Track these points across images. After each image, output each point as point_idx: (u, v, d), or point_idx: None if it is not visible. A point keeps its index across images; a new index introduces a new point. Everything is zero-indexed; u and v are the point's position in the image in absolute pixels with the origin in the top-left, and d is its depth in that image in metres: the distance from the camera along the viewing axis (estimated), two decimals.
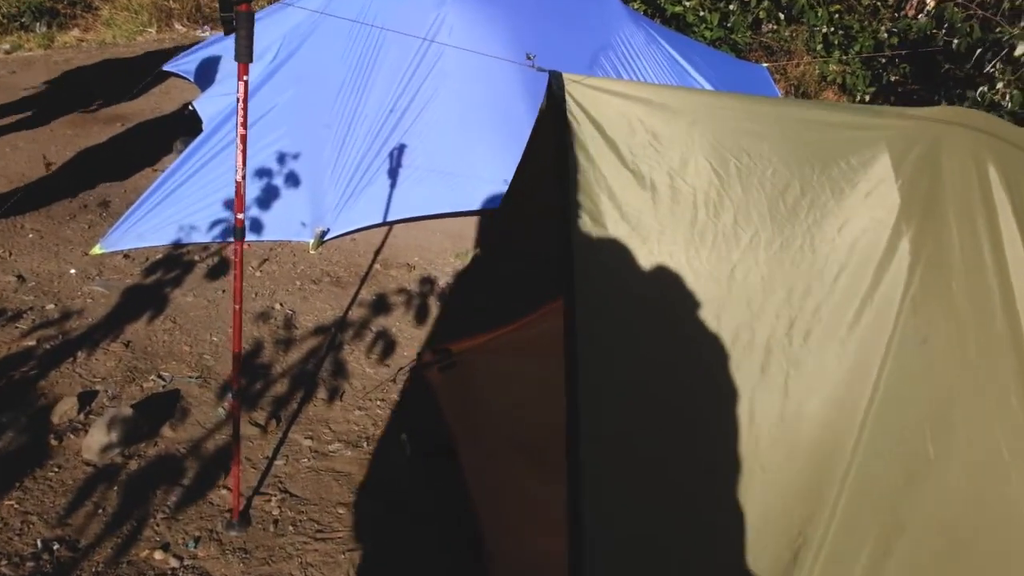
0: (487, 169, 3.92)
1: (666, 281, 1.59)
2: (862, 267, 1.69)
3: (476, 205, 3.86)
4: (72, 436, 2.24)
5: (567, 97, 1.67)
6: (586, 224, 1.59)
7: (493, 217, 3.98)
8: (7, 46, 7.22)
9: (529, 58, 1.84)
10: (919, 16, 6.92)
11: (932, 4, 7.46)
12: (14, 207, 3.55)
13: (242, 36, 1.68)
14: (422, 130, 3.93)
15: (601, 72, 4.42)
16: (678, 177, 1.67)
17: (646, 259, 1.60)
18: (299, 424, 2.47)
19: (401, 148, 3.88)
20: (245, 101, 1.79)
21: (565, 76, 1.69)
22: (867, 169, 1.78)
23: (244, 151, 1.80)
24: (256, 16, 4.98)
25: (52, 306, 2.89)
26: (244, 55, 1.71)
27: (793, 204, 1.72)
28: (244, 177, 1.83)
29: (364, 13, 4.10)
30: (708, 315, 1.60)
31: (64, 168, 4.11)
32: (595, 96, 1.68)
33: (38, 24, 7.53)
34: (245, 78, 1.76)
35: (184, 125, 4.61)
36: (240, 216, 1.88)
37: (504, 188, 4.00)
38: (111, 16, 7.52)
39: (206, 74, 4.98)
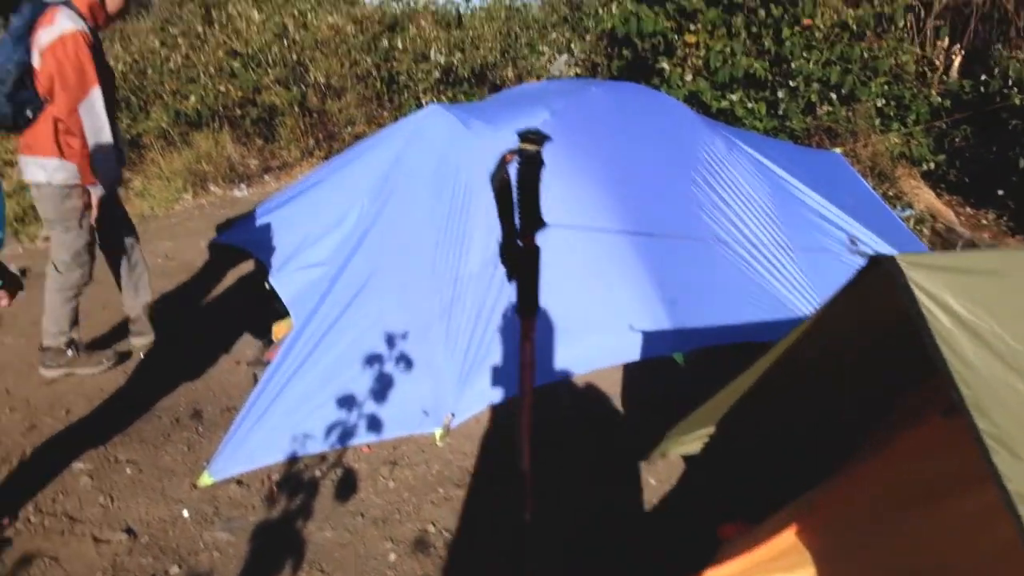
0: (610, 319, 3.55)
1: None
2: None
3: (607, 362, 3.47)
4: None
5: (911, 285, 1.30)
6: (1005, 462, 1.18)
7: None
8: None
9: (853, 243, 1.49)
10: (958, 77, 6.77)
11: (957, 65, 7.34)
12: (102, 433, 3.16)
13: (528, 283, 1.31)
14: None
15: (699, 190, 4.12)
16: None
17: None
18: None
19: (515, 307, 3.51)
20: (530, 376, 1.40)
21: (900, 259, 1.32)
22: None
23: (528, 452, 1.40)
24: (327, 169, 4.70)
25: (176, 569, 2.44)
26: (530, 307, 1.33)
27: None
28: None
29: (445, 154, 3.83)
30: None
31: (136, 371, 3.75)
32: (941, 278, 1.31)
33: None
34: (533, 335, 1.37)
35: (258, 304, 4.28)
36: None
37: (630, 338, 3.66)
38: (144, 187, 7.35)
39: (268, 244, 4.67)
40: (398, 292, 3.51)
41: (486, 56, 9.63)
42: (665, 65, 6.40)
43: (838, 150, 5.66)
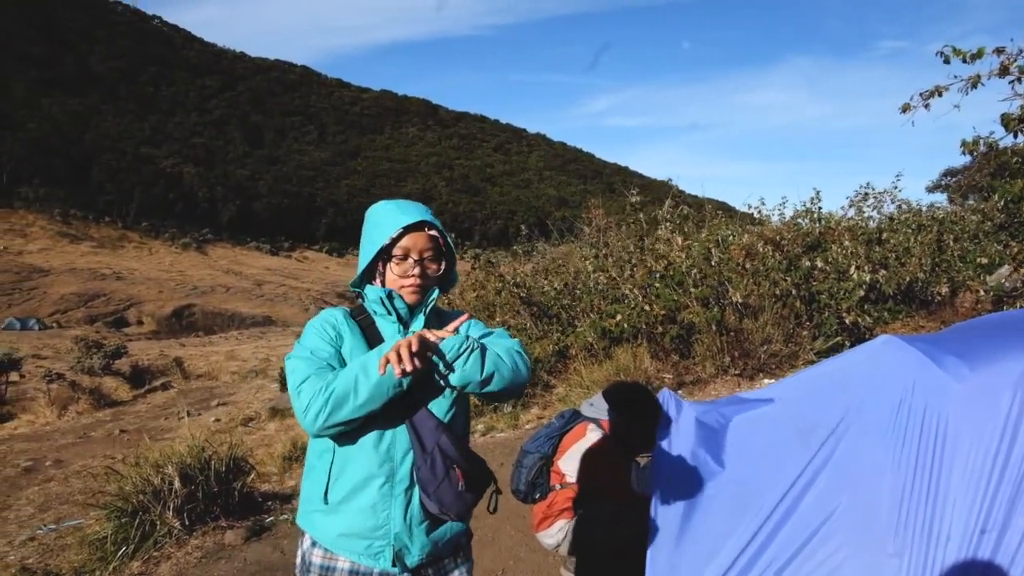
0: None
1: None
2: None
3: None
4: None
5: None
6: None
7: None
8: (481, 427, 7.96)
9: None
10: None
11: None
12: None
13: None
14: None
15: None
16: None
17: None
18: None
19: None
20: None
21: None
22: None
23: None
24: (756, 394, 4.46)
25: None
26: None
27: None
28: None
29: (908, 393, 3.40)
30: None
31: None
32: None
33: (507, 405, 8.30)
34: None
35: None
36: None
37: None
38: (566, 392, 7.99)
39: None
40: (854, 547, 3.07)
41: (915, 271, 8.93)
42: None
43: None
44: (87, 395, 16.96)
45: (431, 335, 1.88)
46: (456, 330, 1.99)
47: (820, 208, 9.94)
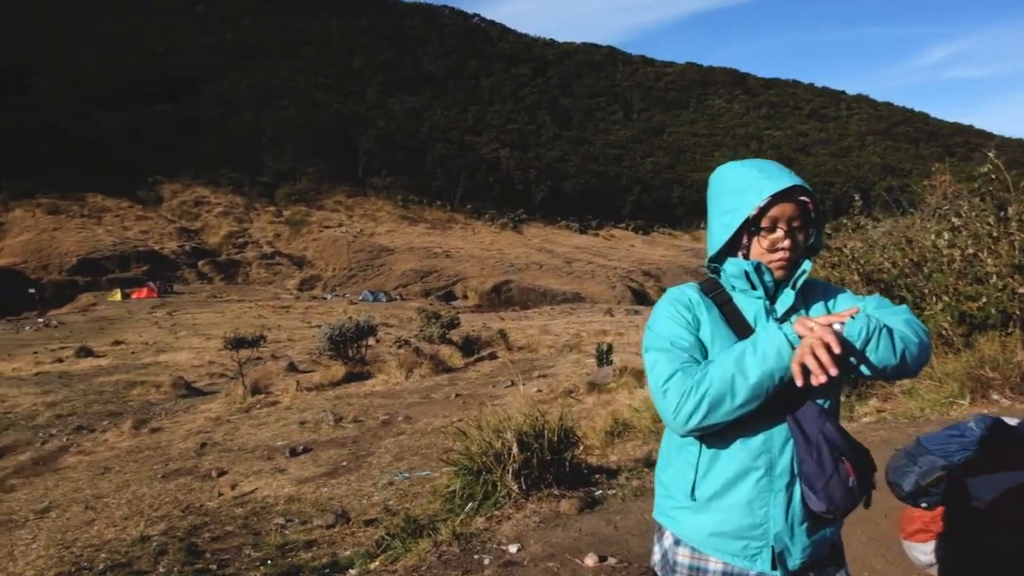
0: None
1: None
2: None
3: None
4: None
5: None
6: None
7: None
8: None
9: None
10: None
11: None
12: None
13: None
14: None
15: None
16: None
17: None
18: None
19: None
20: None
21: None
22: None
23: None
24: None
25: None
26: None
27: None
28: None
29: None
30: None
31: None
32: None
33: (842, 395, 7.64)
34: None
35: None
36: None
37: None
38: (912, 385, 7.11)
39: None
40: None
41: None
42: None
43: None
44: (428, 360, 19.20)
45: (825, 322, 1.65)
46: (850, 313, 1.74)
47: None
